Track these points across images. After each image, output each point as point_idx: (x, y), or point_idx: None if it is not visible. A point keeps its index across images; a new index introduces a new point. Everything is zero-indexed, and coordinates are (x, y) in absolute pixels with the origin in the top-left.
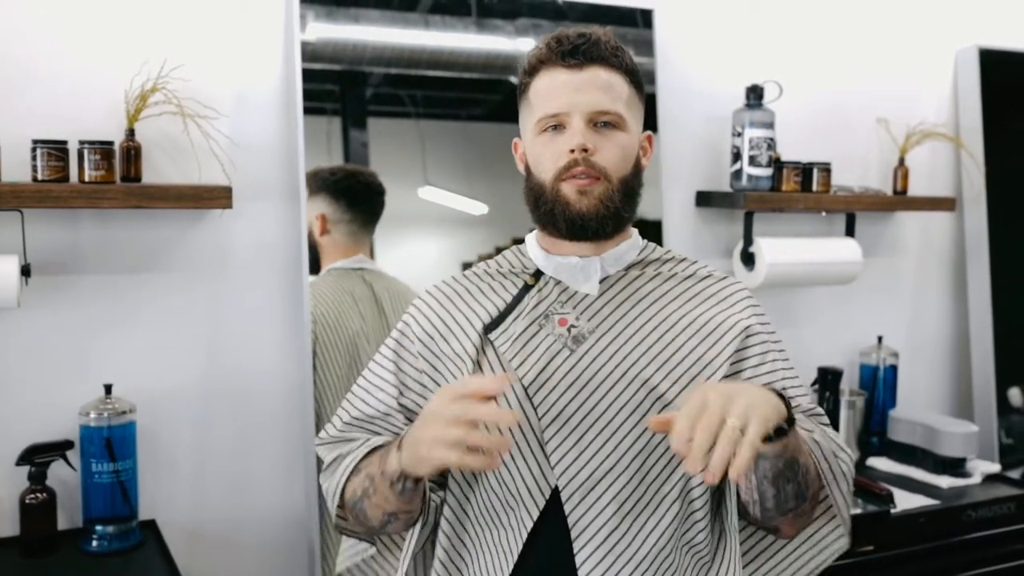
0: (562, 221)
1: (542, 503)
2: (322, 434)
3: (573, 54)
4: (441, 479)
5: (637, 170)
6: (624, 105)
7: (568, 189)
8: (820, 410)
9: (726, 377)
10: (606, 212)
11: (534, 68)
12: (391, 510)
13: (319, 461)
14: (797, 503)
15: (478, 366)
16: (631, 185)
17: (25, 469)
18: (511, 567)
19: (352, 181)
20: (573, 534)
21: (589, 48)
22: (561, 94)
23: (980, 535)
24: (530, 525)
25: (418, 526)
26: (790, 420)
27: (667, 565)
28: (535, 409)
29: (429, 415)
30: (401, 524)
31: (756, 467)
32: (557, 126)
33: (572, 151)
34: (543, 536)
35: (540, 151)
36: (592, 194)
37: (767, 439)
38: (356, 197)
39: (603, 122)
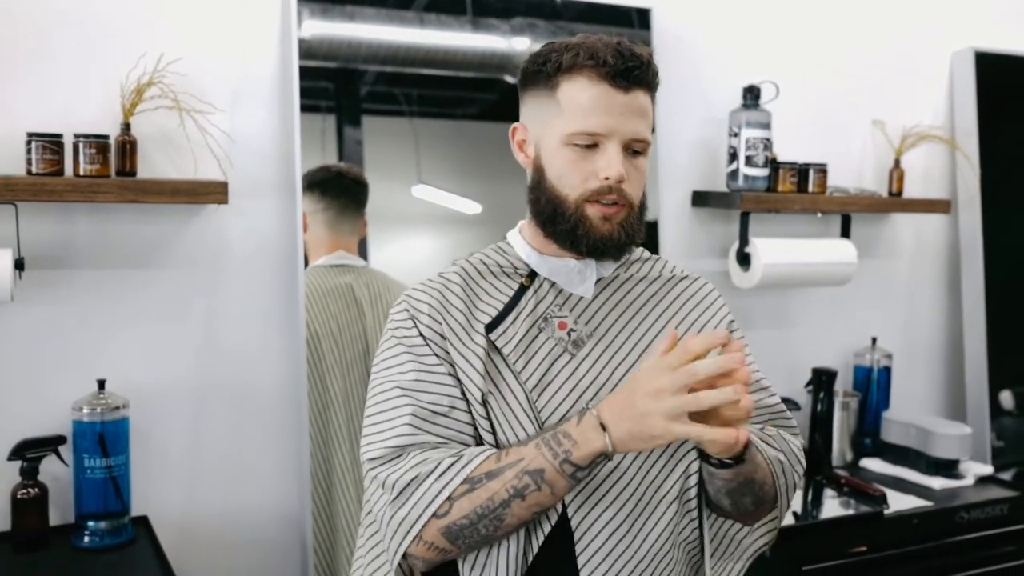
0: (584, 244)
1: (559, 507)
2: (369, 454)
3: (625, 76)
4: None
5: (644, 189)
6: (650, 129)
7: (593, 213)
8: (788, 413)
9: None
10: (626, 238)
11: (571, 69)
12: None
13: (313, 468)
14: (755, 508)
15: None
16: (643, 206)
17: (17, 464)
18: (524, 569)
19: (325, 173)
20: (576, 536)
21: (642, 73)
22: (603, 114)
23: (973, 536)
24: (548, 529)
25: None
26: (738, 457)
27: (665, 563)
28: (538, 413)
29: (644, 391)
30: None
31: (712, 483)
32: (590, 144)
33: (606, 178)
34: (548, 537)
35: (567, 165)
36: (615, 220)
37: (721, 465)
38: (329, 185)
39: (634, 149)
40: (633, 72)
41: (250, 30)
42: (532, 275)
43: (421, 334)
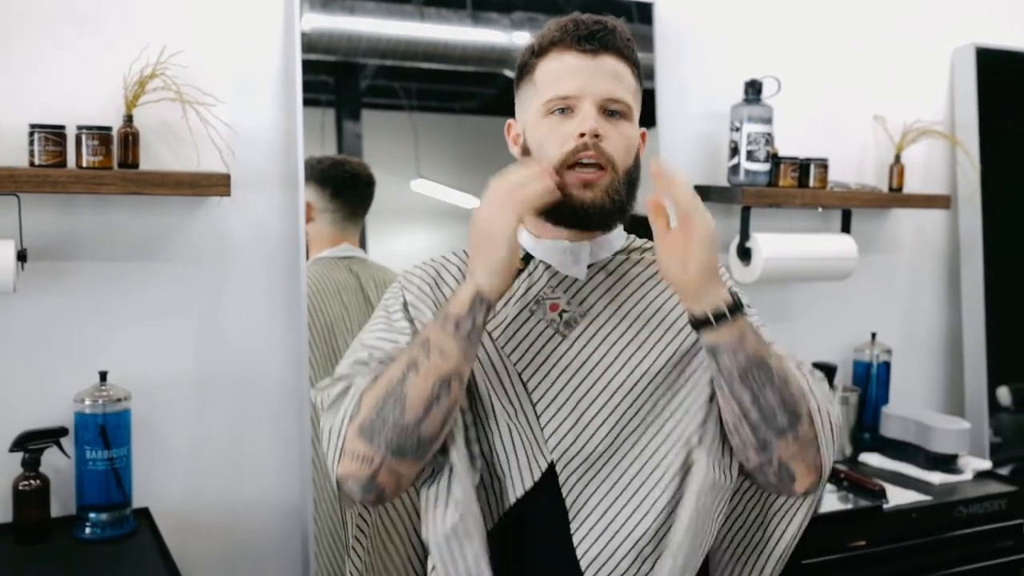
0: (566, 211)
1: (537, 475)
2: (322, 382)
3: (589, 39)
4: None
5: (637, 162)
6: (632, 96)
7: (573, 180)
8: (819, 373)
9: None
10: (612, 205)
11: (544, 49)
12: (448, 369)
13: (315, 459)
14: (789, 419)
15: None
16: (634, 176)
17: (19, 456)
18: (502, 510)
19: (338, 170)
20: (571, 515)
21: (605, 35)
22: (573, 77)
23: (971, 531)
24: (520, 493)
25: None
26: (733, 308)
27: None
28: (530, 393)
29: (481, 219)
30: (450, 399)
31: (718, 364)
32: (565, 109)
33: (582, 135)
34: (540, 519)
35: (545, 133)
36: (599, 187)
37: (705, 324)
38: (341, 186)
39: (612, 110)
40: (597, 35)
41: (252, 23)
42: (527, 258)
43: (406, 300)
